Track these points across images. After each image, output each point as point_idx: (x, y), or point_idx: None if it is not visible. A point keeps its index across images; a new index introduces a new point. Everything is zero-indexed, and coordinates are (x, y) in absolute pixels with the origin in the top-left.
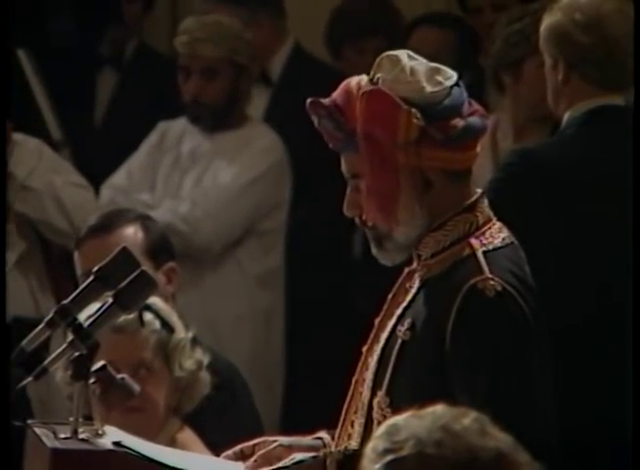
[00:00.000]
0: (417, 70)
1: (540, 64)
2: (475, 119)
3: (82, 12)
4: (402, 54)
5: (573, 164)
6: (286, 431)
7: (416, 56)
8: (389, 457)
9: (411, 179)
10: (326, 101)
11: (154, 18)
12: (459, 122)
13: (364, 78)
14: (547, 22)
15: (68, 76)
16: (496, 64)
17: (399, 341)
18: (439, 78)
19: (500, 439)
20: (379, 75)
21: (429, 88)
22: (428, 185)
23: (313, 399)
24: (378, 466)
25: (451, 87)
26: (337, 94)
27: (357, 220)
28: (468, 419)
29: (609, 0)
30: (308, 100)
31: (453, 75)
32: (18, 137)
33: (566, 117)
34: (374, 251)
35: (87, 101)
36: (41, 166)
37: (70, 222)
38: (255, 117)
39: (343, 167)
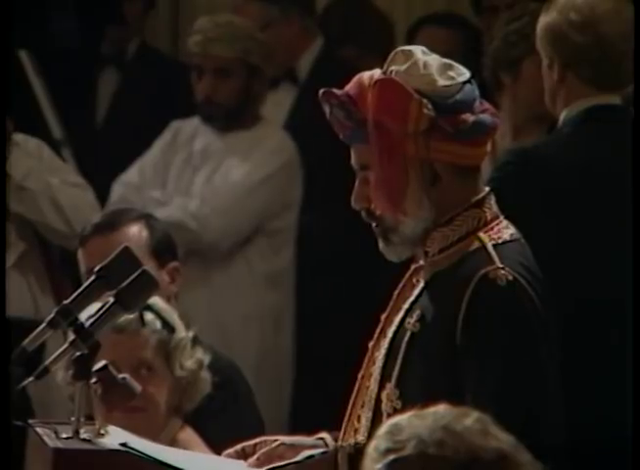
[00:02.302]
0: (430, 64)
1: (539, 63)
2: (485, 116)
3: (84, 11)
4: (416, 49)
5: (570, 163)
6: (294, 431)
7: (429, 52)
8: (391, 457)
9: (420, 171)
10: (338, 91)
11: (155, 17)
12: (469, 117)
13: (377, 71)
14: (543, 21)
15: (70, 76)
16: (494, 63)
17: (409, 333)
18: (452, 74)
19: (502, 439)
20: (392, 68)
21: (441, 82)
22: (436, 179)
23: (322, 400)
24: (379, 466)
25: (463, 83)
26: (349, 86)
27: (364, 214)
28: (470, 419)
29: (604, 0)
30: (321, 91)
31: (465, 73)
32: (18, 138)
33: (562, 116)
34: (381, 246)
35: (89, 100)
36: (39, 167)
37: (67, 222)
38: (279, 116)
39: (353, 159)
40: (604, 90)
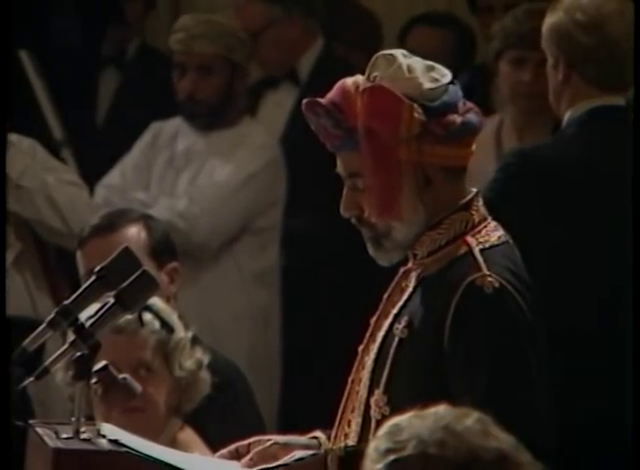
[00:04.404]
0: (414, 67)
1: (511, 59)
2: (471, 116)
3: (84, 11)
4: (397, 52)
5: (573, 164)
6: (284, 429)
7: (410, 54)
8: (392, 457)
9: (413, 176)
10: (323, 100)
11: (156, 17)
12: (457, 118)
13: (360, 77)
14: (549, 21)
15: (70, 76)
16: (486, 63)
17: (397, 339)
18: (435, 75)
19: (502, 439)
20: (375, 74)
21: (426, 85)
22: (427, 182)
23: (311, 398)
24: (380, 466)
25: (447, 84)
26: (333, 93)
27: (354, 220)
28: (470, 419)
29: (610, 0)
30: (304, 100)
31: (448, 73)
32: (12, 138)
33: (566, 116)
34: (371, 251)
35: (89, 101)
36: (34, 166)
37: (64, 220)
38: (280, 116)
39: (340, 167)
40: (608, 91)
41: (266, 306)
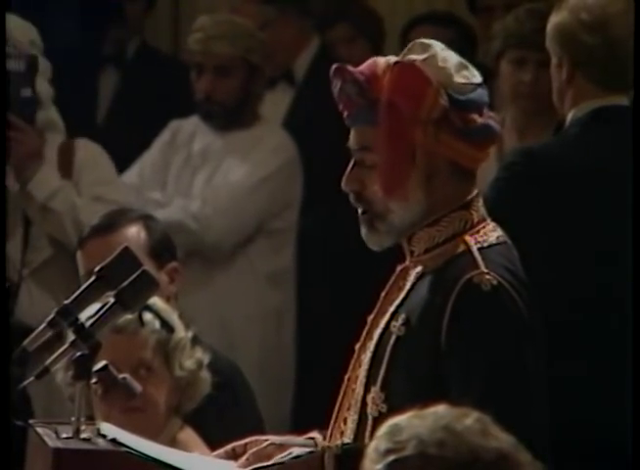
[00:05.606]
0: (448, 59)
1: (512, 59)
2: (493, 122)
3: (84, 11)
4: (435, 43)
5: (576, 164)
6: (296, 430)
7: (447, 48)
8: (391, 457)
9: (424, 161)
10: (353, 68)
11: (155, 17)
12: (479, 119)
13: (392, 58)
14: (553, 21)
15: (71, 76)
16: (487, 59)
17: (394, 337)
18: (467, 74)
19: (502, 439)
20: (410, 57)
21: (457, 78)
22: (434, 173)
23: (324, 399)
24: (380, 466)
25: (477, 85)
26: (363, 66)
27: (353, 198)
28: (470, 419)
29: (616, 1)
30: (334, 65)
31: (478, 76)
32: (80, 142)
33: (569, 116)
34: (363, 233)
35: (90, 100)
36: (65, 188)
37: None
38: (276, 116)
39: (352, 140)
40: (612, 91)
41: (279, 308)
